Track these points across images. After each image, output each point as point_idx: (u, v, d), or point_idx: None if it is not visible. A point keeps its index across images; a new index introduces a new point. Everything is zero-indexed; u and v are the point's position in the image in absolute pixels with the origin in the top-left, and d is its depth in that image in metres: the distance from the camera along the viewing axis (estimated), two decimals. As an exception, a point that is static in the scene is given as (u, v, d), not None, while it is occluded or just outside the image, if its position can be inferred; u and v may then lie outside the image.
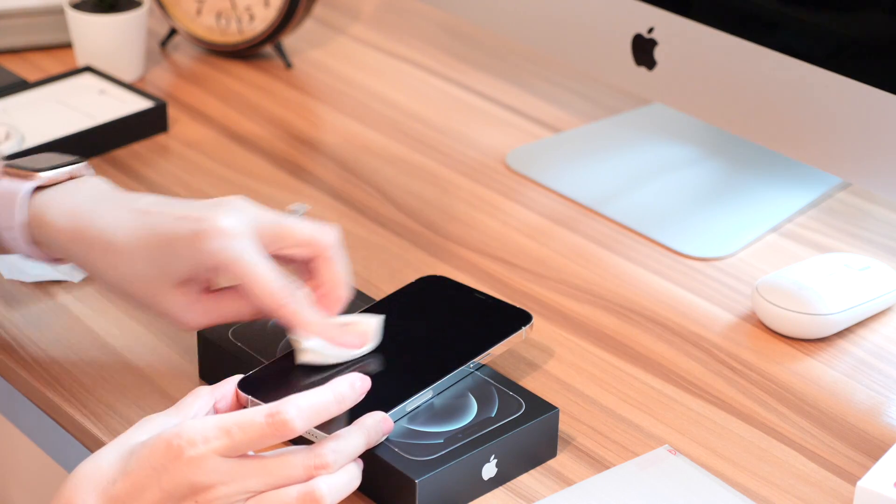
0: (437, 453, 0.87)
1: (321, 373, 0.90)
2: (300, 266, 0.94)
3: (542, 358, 1.03)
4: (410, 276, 1.10)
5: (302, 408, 0.81)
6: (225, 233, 0.89)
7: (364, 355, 0.93)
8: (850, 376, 1.02)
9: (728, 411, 0.98)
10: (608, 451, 0.94)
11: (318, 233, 0.92)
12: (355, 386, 0.85)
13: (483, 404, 0.92)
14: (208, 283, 0.93)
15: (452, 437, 0.89)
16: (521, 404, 0.92)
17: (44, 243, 0.95)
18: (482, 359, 0.94)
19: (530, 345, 1.04)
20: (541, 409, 0.92)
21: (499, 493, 0.90)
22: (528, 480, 0.91)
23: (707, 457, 0.94)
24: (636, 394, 1.00)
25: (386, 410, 0.88)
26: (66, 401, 0.97)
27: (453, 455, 0.87)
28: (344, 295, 0.93)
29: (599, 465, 0.93)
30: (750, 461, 0.94)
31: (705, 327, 1.07)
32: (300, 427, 0.80)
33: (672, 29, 1.17)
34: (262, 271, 0.89)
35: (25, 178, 0.95)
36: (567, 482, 0.91)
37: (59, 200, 0.95)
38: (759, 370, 1.03)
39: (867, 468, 0.93)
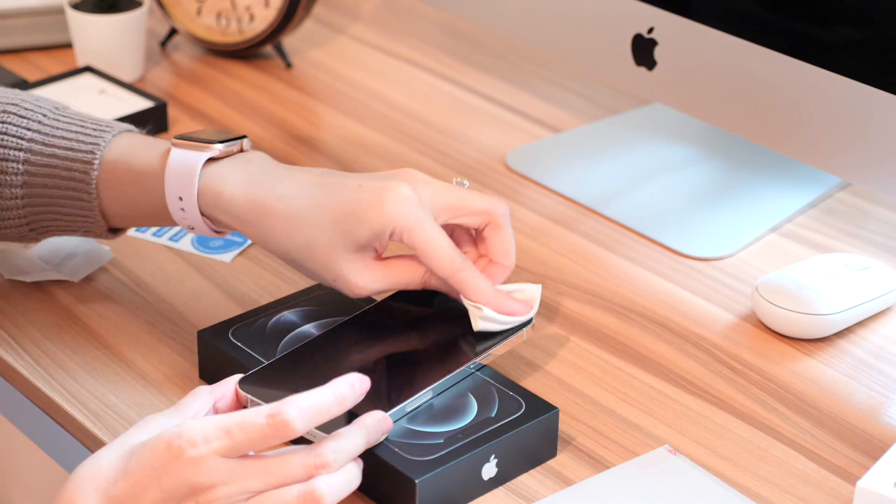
0: (437, 453, 0.87)
1: (321, 372, 0.90)
2: (464, 235, 1.00)
3: (542, 358, 1.03)
4: (410, 276, 1.10)
5: (302, 408, 0.81)
6: (408, 199, 0.93)
7: (369, 353, 0.94)
8: (850, 376, 1.03)
9: (728, 411, 0.99)
10: (608, 451, 0.94)
11: (492, 203, 0.98)
12: (355, 386, 0.85)
13: (483, 404, 0.92)
14: (381, 250, 0.96)
15: (452, 437, 0.89)
16: (521, 404, 0.92)
17: (214, 213, 0.97)
18: (483, 359, 0.94)
19: (530, 345, 1.04)
20: (541, 409, 0.92)
21: (499, 493, 0.90)
22: (528, 480, 0.91)
23: (707, 457, 0.94)
24: (636, 394, 1.00)
25: (386, 410, 0.88)
26: (66, 401, 0.97)
27: (453, 455, 0.87)
28: (512, 263, 0.98)
29: (599, 465, 0.93)
30: (750, 461, 0.94)
31: (705, 327, 1.07)
32: (301, 428, 0.81)
33: (672, 29, 1.17)
34: (440, 238, 0.94)
35: (201, 149, 0.97)
36: (567, 482, 0.91)
37: (234, 171, 0.97)
38: (759, 370, 1.03)
39: (867, 468, 0.93)
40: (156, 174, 0.98)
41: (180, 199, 0.97)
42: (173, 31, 1.48)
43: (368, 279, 0.95)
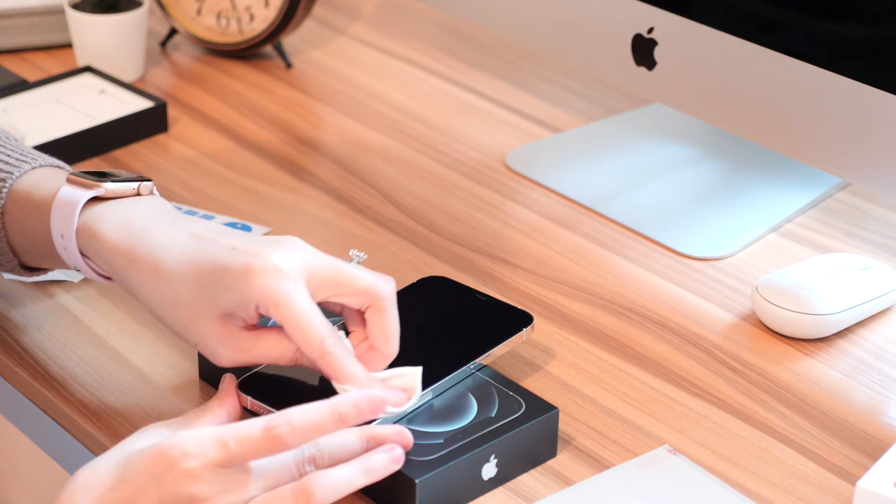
0: (437, 453, 0.87)
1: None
2: (355, 314, 0.91)
3: (542, 358, 1.03)
4: (410, 276, 1.10)
5: (295, 425, 0.80)
6: (278, 271, 0.85)
7: None
8: (850, 376, 1.03)
9: (728, 411, 0.99)
10: (608, 451, 0.94)
11: (377, 284, 0.89)
12: (361, 407, 0.83)
13: (483, 404, 0.92)
14: (250, 320, 0.88)
15: (452, 437, 0.89)
16: (521, 404, 0.92)
17: (91, 255, 0.93)
18: (483, 360, 0.94)
19: (530, 345, 1.04)
20: (541, 409, 0.92)
21: (499, 493, 0.90)
22: (528, 480, 0.91)
23: (707, 457, 0.94)
24: (636, 394, 1.00)
25: (386, 410, 0.88)
26: (66, 401, 0.97)
27: (453, 455, 0.87)
28: (392, 352, 0.90)
29: (599, 465, 0.93)
30: (750, 461, 0.94)
31: (705, 327, 1.07)
32: (293, 444, 0.80)
33: (672, 29, 1.17)
34: (310, 316, 0.85)
35: (89, 187, 0.92)
36: (567, 482, 0.91)
37: (114, 213, 0.91)
38: (759, 370, 1.03)
39: (867, 468, 0.93)
40: (47, 209, 0.94)
41: (62, 236, 0.93)
42: (173, 31, 1.48)
43: (231, 350, 0.88)
